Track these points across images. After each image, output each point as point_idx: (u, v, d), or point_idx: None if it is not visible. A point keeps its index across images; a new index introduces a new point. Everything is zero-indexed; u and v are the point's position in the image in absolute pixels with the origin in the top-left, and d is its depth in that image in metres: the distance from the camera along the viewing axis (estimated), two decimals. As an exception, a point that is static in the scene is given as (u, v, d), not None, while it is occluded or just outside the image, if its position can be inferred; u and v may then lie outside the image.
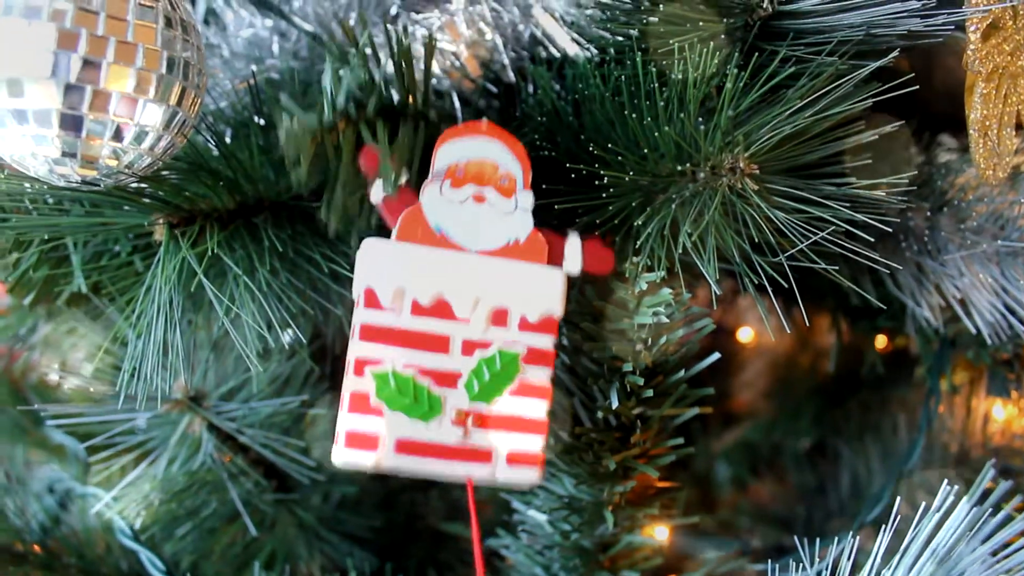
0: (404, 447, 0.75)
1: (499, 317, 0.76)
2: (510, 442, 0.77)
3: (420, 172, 0.77)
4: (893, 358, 1.38)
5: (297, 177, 0.72)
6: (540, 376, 0.77)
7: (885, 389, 1.43)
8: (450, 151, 0.77)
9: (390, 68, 0.76)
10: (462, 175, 0.76)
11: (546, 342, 0.77)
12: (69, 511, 1.17)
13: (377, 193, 0.75)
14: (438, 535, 1.27)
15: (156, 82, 0.68)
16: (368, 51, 0.74)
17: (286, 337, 1.00)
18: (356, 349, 0.75)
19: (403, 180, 0.75)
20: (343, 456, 0.74)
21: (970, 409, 1.24)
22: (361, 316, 0.75)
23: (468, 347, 0.76)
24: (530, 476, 0.77)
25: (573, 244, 0.78)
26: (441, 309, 0.76)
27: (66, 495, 1.17)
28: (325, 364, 1.09)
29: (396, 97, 0.77)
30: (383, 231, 0.77)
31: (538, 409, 0.77)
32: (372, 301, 0.75)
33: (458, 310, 0.76)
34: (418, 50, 0.88)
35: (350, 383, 0.75)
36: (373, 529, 1.23)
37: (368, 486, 1.24)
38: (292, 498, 1.07)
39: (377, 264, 0.75)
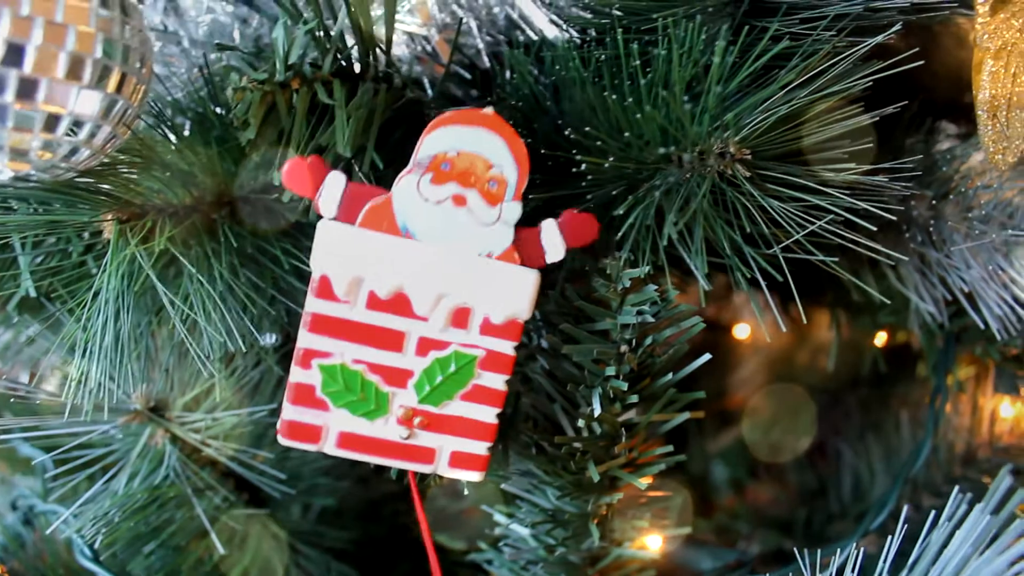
0: (346, 441, 0.73)
1: (460, 317, 0.71)
2: (454, 444, 0.74)
3: (379, 145, 0.71)
4: (894, 354, 1.33)
5: (246, 140, 0.66)
6: (495, 382, 0.73)
7: (886, 386, 1.38)
8: (440, 139, 0.69)
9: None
10: (448, 169, 0.69)
11: (507, 347, 0.72)
12: (34, 529, 1.11)
13: (327, 205, 0.69)
14: (423, 547, 1.22)
15: (91, 67, 0.62)
16: (324, 7, 0.68)
17: (263, 340, 0.96)
18: (305, 340, 0.70)
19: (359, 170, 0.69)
20: (285, 442, 0.72)
21: (976, 407, 1.18)
22: (312, 305, 0.70)
23: (423, 346, 0.72)
24: (471, 478, 0.75)
25: (549, 232, 0.71)
26: (399, 304, 0.70)
27: (30, 512, 1.12)
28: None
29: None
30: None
31: (488, 414, 0.74)
32: (326, 290, 0.69)
33: (417, 306, 0.71)
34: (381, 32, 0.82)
35: (296, 373, 0.71)
36: (354, 542, 1.19)
37: (349, 497, 1.19)
38: (263, 512, 1.01)
39: (334, 249, 0.69)
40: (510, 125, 0.69)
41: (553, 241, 0.71)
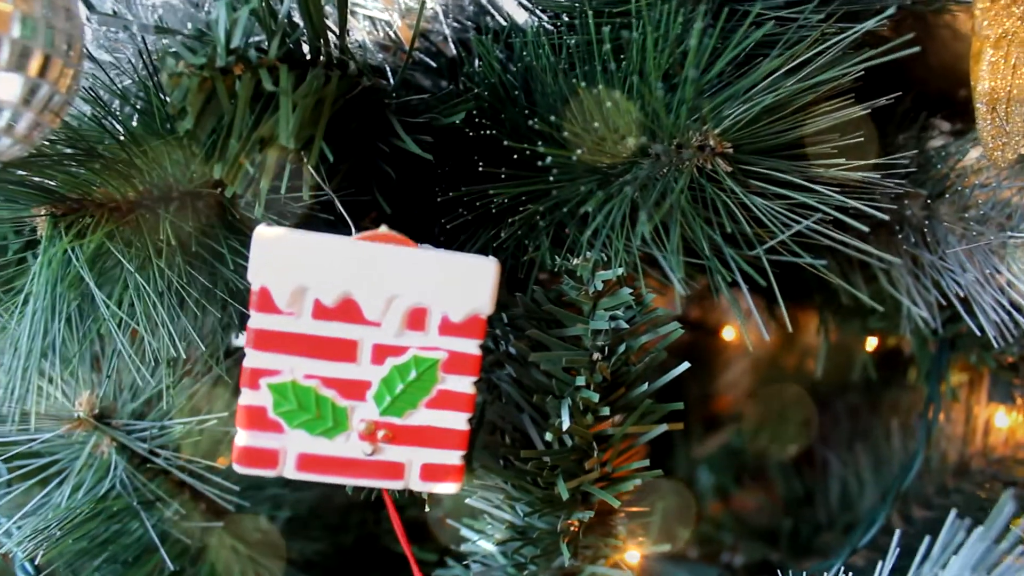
0: (306, 463, 0.67)
1: (416, 318, 0.65)
2: (425, 456, 0.68)
3: (330, 134, 0.65)
4: (884, 360, 1.28)
5: (184, 130, 0.61)
6: (462, 385, 0.67)
7: (875, 393, 1.34)
8: None
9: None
10: None
11: (471, 346, 0.66)
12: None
13: None
14: (393, 557, 1.17)
15: (8, 48, 0.57)
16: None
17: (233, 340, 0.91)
18: (250, 358, 0.65)
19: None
20: (241, 470, 0.66)
21: (970, 416, 1.13)
22: (254, 321, 0.64)
23: (379, 354, 0.66)
24: (447, 490, 0.69)
25: None
26: (348, 310, 0.65)
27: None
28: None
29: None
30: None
31: (458, 420, 0.68)
32: (266, 303, 0.64)
33: (368, 311, 0.65)
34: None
35: (245, 396, 0.65)
36: (321, 553, 1.14)
37: (316, 506, 1.14)
38: (218, 525, 0.96)
39: (272, 258, 0.63)
40: (407, 239, 0.65)
41: None
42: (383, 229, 0.65)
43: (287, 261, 0.63)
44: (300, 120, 0.61)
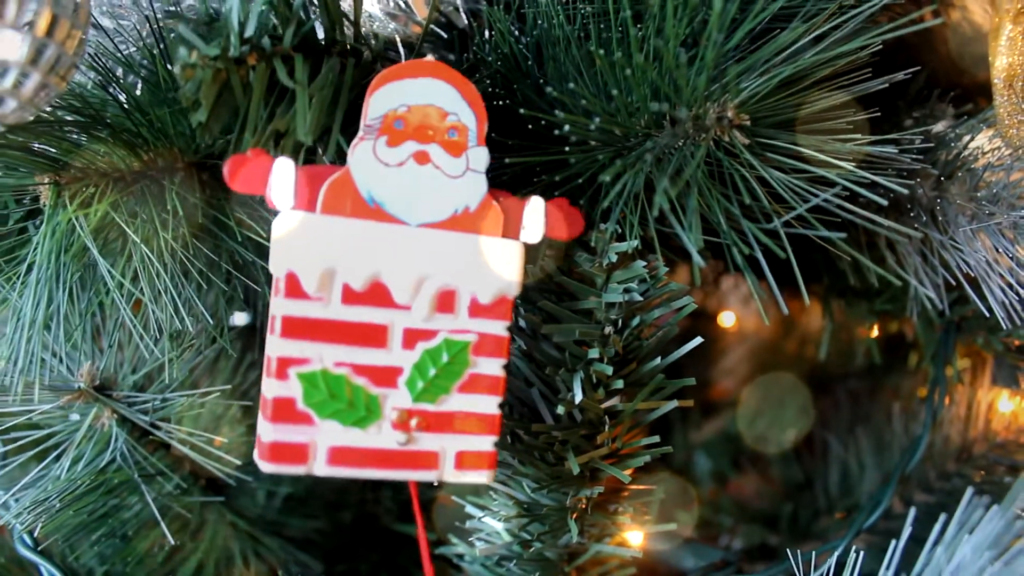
0: (338, 457, 0.64)
1: (446, 301, 0.64)
2: (459, 443, 0.67)
3: (346, 126, 0.64)
4: (886, 343, 1.28)
5: (197, 121, 0.59)
6: (493, 368, 0.66)
7: (877, 376, 1.33)
8: (388, 97, 0.63)
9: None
10: (402, 127, 0.63)
11: (500, 328, 0.66)
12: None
13: (281, 197, 0.62)
14: (393, 537, 1.17)
15: (14, 5, 0.56)
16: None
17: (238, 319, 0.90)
18: (277, 347, 0.62)
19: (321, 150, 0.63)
20: (268, 468, 0.63)
21: (973, 400, 1.13)
22: (282, 307, 0.62)
23: (410, 338, 0.65)
24: (481, 478, 0.68)
25: (535, 208, 0.66)
26: (377, 295, 0.63)
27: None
28: (253, 349, 0.97)
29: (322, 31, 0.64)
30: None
31: (490, 405, 0.67)
32: (294, 289, 0.62)
33: (398, 295, 0.64)
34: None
35: (271, 387, 0.63)
36: (319, 531, 1.13)
37: (314, 484, 1.13)
38: (219, 499, 0.95)
39: (298, 242, 0.62)
40: (455, 70, 0.63)
41: (535, 221, 0.66)
42: (430, 57, 0.64)
43: (314, 245, 0.62)
44: (317, 113, 0.60)
